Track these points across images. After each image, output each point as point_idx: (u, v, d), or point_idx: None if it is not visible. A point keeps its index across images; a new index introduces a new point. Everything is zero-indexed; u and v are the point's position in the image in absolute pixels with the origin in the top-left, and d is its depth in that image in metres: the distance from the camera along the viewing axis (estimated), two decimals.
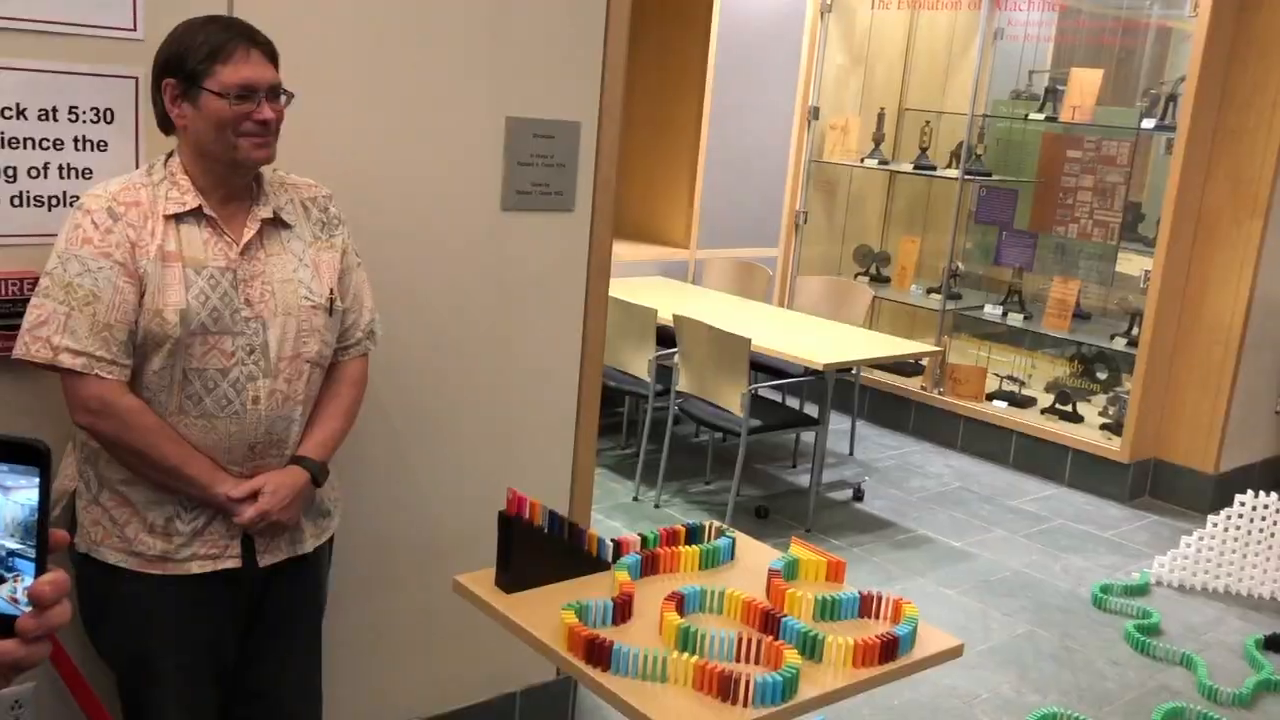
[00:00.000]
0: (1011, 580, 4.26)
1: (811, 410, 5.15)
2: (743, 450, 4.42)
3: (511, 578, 2.05)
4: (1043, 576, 4.32)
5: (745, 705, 1.73)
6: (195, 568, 1.89)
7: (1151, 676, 3.59)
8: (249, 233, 1.86)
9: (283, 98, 1.84)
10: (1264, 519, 4.22)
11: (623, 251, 5.73)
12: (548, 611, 1.96)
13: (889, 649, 1.90)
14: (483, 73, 2.44)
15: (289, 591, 2.03)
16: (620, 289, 5.08)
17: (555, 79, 2.56)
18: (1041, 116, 5.74)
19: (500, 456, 2.67)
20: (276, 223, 1.91)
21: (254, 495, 1.88)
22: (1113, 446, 5.26)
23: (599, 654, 1.81)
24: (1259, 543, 4.24)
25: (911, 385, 6.03)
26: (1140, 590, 4.24)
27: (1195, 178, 5.00)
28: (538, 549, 2.07)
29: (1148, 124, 5.29)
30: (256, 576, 1.95)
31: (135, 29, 1.99)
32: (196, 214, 1.83)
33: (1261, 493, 4.22)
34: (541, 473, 2.78)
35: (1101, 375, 5.84)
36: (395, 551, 2.56)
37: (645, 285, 5.56)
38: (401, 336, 2.40)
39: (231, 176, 1.85)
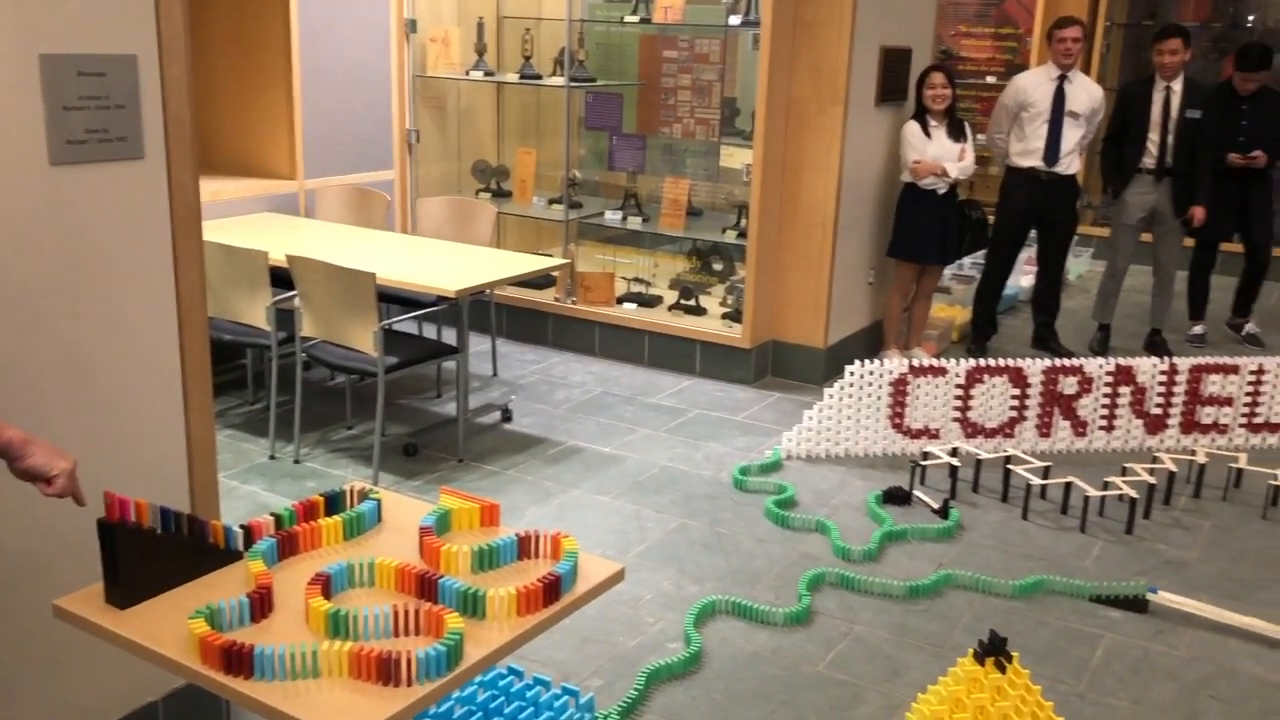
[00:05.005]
0: (660, 477, 4.40)
1: (449, 336, 5.02)
2: (382, 390, 4.23)
3: (124, 591, 1.79)
4: (687, 468, 4.50)
5: (409, 684, 1.61)
6: None
7: (793, 547, 3.85)
8: None
9: None
10: (869, 384, 4.62)
11: (222, 190, 5.26)
12: (174, 621, 1.74)
13: (552, 590, 1.85)
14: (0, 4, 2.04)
15: None
16: (223, 232, 4.66)
17: (97, 7, 2.20)
18: (636, 19, 5.81)
19: (96, 450, 2.33)
20: None
21: None
22: (734, 334, 5.55)
23: (239, 662, 1.62)
24: (868, 406, 4.64)
25: (545, 298, 6.04)
26: (774, 467, 4.53)
27: (781, 70, 5.28)
28: (152, 553, 1.82)
29: (734, 20, 5.50)
30: None
31: None
32: None
33: (866, 361, 4.61)
34: (151, 458, 2.47)
35: (718, 267, 6.14)
36: None
37: (252, 224, 5.14)
38: None
39: None
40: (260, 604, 1.76)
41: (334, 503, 2.08)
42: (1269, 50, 6.20)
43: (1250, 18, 8.66)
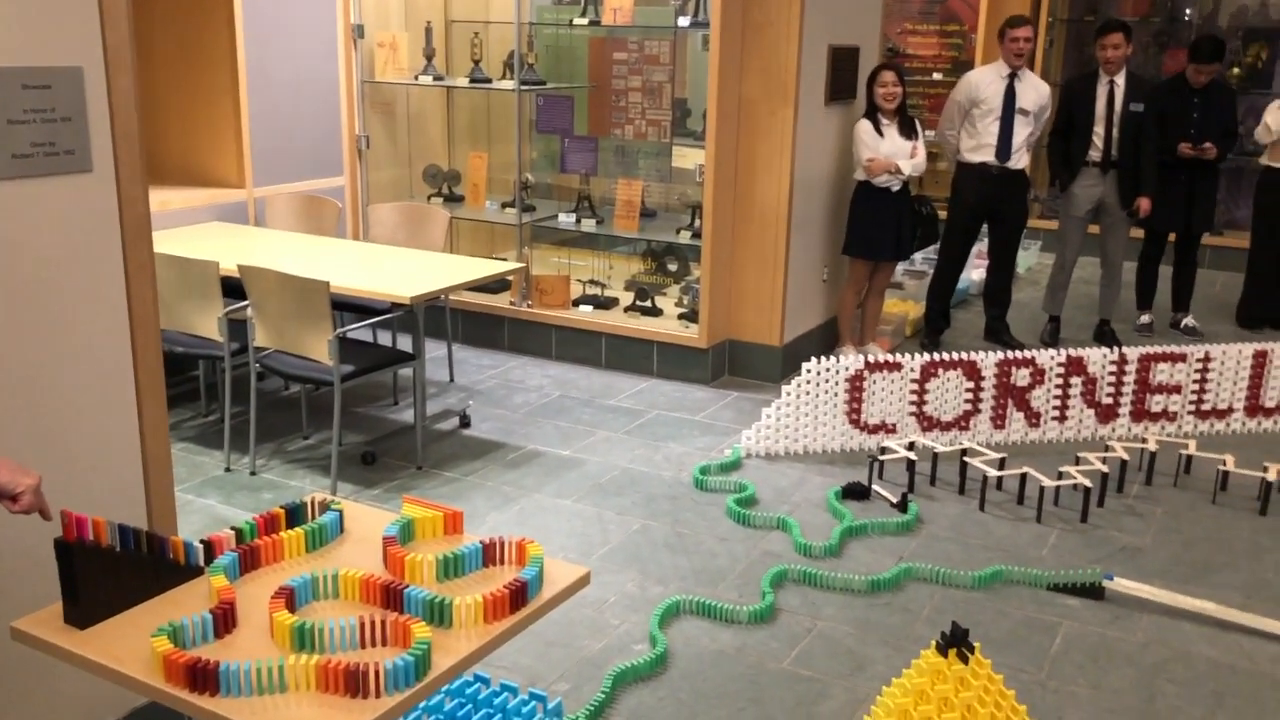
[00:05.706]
0: (620, 479, 4.40)
1: (405, 343, 4.99)
2: (338, 399, 4.19)
3: (83, 610, 1.77)
4: (647, 469, 4.51)
5: (377, 695, 1.61)
6: None
7: (755, 545, 3.87)
8: None
9: None
10: (826, 380, 4.65)
11: (170, 200, 5.19)
12: (136, 640, 1.71)
13: (518, 596, 1.85)
14: None
15: None
16: (172, 243, 4.60)
17: (40, 19, 2.16)
18: (585, 21, 5.81)
19: (50, 468, 2.29)
20: None
21: None
22: (691, 334, 5.57)
23: (204, 679, 1.60)
24: (825, 403, 4.68)
25: (500, 302, 6.02)
26: (734, 466, 4.55)
27: (732, 71, 5.30)
28: (111, 571, 1.79)
29: (683, 22, 5.51)
30: None
31: None
32: None
33: (822, 358, 4.64)
34: (107, 474, 2.44)
35: (673, 268, 6.16)
36: None
37: (202, 234, 5.07)
38: None
39: None
40: (224, 619, 1.74)
41: (295, 515, 2.06)
42: (1221, 43, 6.29)
43: (1188, 11, 8.83)
